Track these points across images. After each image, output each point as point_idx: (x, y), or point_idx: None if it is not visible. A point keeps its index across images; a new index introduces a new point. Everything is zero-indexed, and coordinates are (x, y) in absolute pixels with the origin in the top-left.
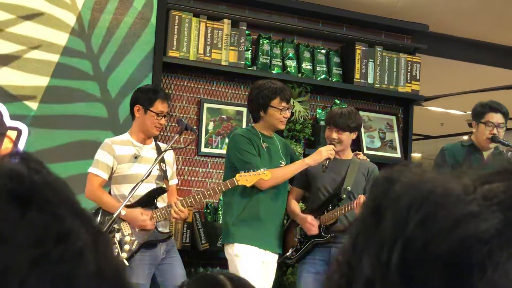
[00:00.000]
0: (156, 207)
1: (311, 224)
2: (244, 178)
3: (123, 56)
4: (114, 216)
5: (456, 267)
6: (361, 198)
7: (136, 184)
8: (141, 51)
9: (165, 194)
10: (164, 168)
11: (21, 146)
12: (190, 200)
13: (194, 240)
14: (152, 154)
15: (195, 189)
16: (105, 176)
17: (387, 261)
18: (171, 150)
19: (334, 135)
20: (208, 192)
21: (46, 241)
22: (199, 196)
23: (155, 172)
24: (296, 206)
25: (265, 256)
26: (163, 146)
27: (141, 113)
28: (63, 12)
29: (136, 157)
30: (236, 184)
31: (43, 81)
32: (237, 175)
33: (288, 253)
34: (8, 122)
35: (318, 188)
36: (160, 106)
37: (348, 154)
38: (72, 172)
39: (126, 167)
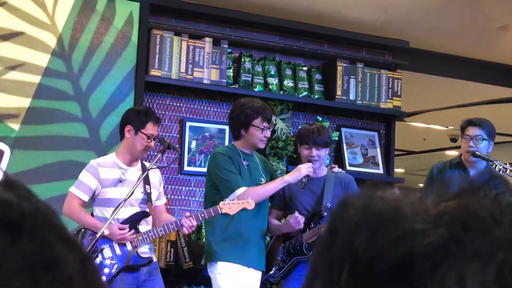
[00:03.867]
0: (138, 231)
1: (295, 220)
2: (228, 207)
3: (103, 76)
4: (98, 235)
5: (399, 282)
6: None
7: (118, 205)
8: (122, 71)
9: (149, 218)
10: (149, 191)
11: (3, 167)
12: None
13: (178, 258)
14: (137, 175)
15: (179, 208)
16: (85, 198)
17: (337, 280)
18: (157, 170)
19: (314, 153)
20: (191, 217)
21: (36, 268)
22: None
23: (139, 195)
24: (277, 222)
25: (248, 273)
26: (148, 164)
27: (131, 134)
28: (43, 32)
29: (121, 180)
30: (220, 212)
31: (25, 102)
32: (221, 203)
33: (271, 272)
34: None
35: (297, 208)
36: (151, 128)
37: (323, 170)
38: (55, 193)
39: (111, 191)
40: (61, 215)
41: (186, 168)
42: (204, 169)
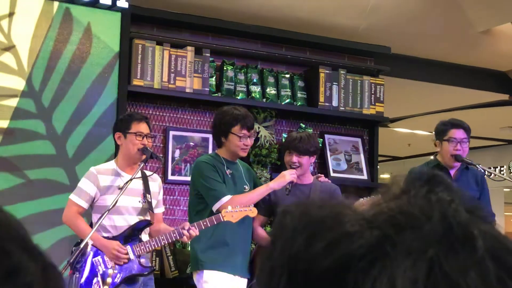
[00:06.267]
0: (141, 241)
1: None
2: (230, 214)
3: (67, 88)
4: (82, 246)
5: (335, 284)
6: None
7: (103, 214)
8: (87, 79)
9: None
10: (150, 200)
11: None
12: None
13: (163, 267)
14: (136, 184)
15: (163, 217)
16: (85, 206)
17: (277, 286)
18: (158, 178)
19: (294, 159)
20: (193, 227)
21: None
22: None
23: (138, 204)
24: (263, 232)
25: (234, 281)
26: (148, 172)
27: (122, 139)
28: (2, 53)
29: (120, 188)
30: (222, 220)
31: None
32: (223, 211)
33: (255, 280)
34: None
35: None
36: (136, 126)
37: (309, 178)
38: (25, 213)
39: (109, 199)
40: (37, 235)
41: (170, 177)
42: (188, 178)
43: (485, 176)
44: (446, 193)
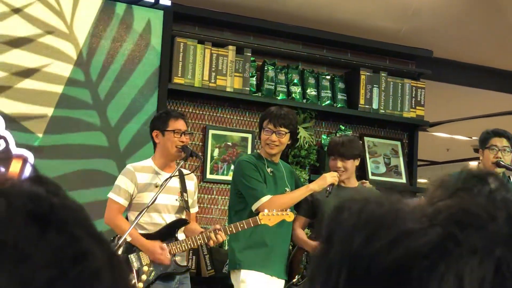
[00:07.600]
0: (176, 239)
1: None
2: (267, 218)
3: (122, 84)
4: (121, 241)
5: (398, 283)
6: None
7: (141, 211)
8: (141, 78)
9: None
10: (186, 199)
11: (27, 172)
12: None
13: (199, 266)
14: (174, 182)
15: (201, 216)
16: (125, 203)
17: (335, 283)
18: (194, 177)
19: (339, 164)
20: (230, 229)
21: (64, 261)
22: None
23: (175, 203)
24: (303, 234)
25: (271, 282)
26: (185, 171)
27: (159, 137)
28: (61, 41)
29: (156, 186)
30: (259, 223)
31: (47, 111)
32: (260, 213)
33: (294, 280)
34: (14, 149)
35: (324, 216)
36: (173, 124)
37: (354, 182)
38: None
39: (147, 196)
40: (96, 220)
41: (208, 176)
42: (227, 177)
43: None
44: (508, 193)
